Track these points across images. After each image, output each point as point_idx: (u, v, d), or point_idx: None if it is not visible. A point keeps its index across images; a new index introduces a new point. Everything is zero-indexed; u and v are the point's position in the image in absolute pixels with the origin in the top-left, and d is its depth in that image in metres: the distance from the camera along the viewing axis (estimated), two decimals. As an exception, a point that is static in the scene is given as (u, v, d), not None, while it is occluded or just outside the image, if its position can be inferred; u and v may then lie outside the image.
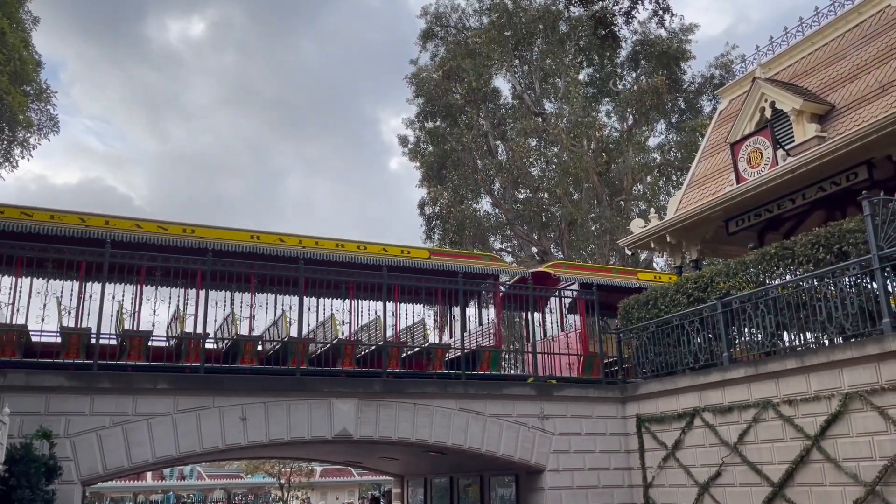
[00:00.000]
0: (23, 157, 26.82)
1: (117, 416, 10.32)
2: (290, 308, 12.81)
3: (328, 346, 13.31)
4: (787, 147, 13.18)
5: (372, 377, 12.43)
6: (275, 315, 13.47)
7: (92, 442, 10.09)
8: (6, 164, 26.31)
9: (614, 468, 13.35)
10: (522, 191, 35.17)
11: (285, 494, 46.79)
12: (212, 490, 52.09)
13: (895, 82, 12.08)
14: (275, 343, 13.28)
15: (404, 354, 13.79)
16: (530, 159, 33.66)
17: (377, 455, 16.79)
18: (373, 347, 13.62)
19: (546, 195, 34.47)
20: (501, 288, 15.28)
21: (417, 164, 35.77)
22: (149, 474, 43.05)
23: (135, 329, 11.97)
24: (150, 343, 11.66)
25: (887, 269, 9.21)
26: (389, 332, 13.49)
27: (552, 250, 33.41)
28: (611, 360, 14.95)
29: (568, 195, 32.41)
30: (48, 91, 27.04)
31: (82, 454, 9.99)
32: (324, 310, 14.30)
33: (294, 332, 12.53)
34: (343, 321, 14.10)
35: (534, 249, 33.69)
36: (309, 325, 13.89)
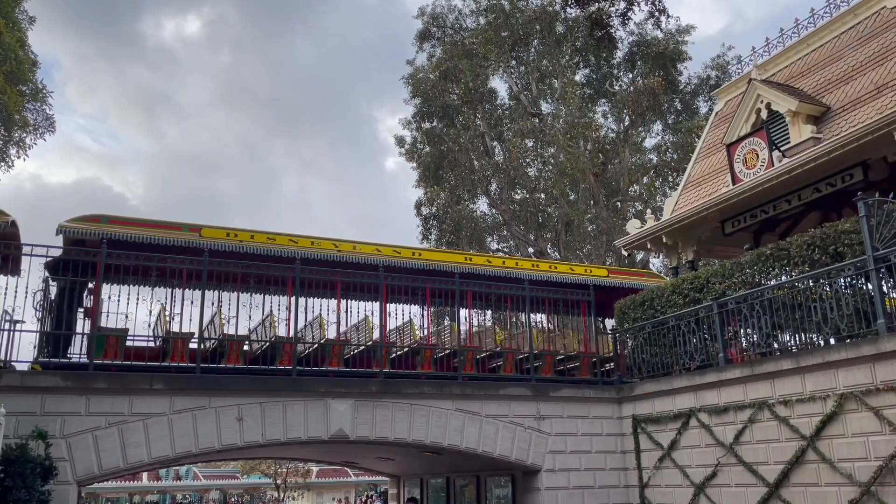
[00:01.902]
0: (18, 157, 26.77)
1: (113, 417, 10.31)
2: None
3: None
4: (782, 148, 13.22)
5: (368, 377, 12.43)
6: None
7: (88, 442, 10.07)
8: (2, 164, 26.24)
9: (610, 468, 13.37)
10: (519, 191, 35.20)
11: (281, 495, 46.74)
12: (208, 490, 51.98)
13: (891, 84, 12.12)
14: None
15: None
16: (527, 160, 33.69)
17: (373, 455, 16.78)
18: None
19: (543, 196, 34.50)
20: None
21: (414, 164, 35.78)
22: (144, 475, 42.94)
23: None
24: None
25: (882, 269, 9.24)
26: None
27: (549, 251, 33.44)
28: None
29: (564, 196, 32.44)
30: (44, 91, 26.99)
31: (78, 454, 9.97)
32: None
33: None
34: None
35: (530, 250, 33.72)
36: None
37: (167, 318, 12.26)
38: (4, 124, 25.04)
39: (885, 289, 9.32)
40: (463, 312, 14.69)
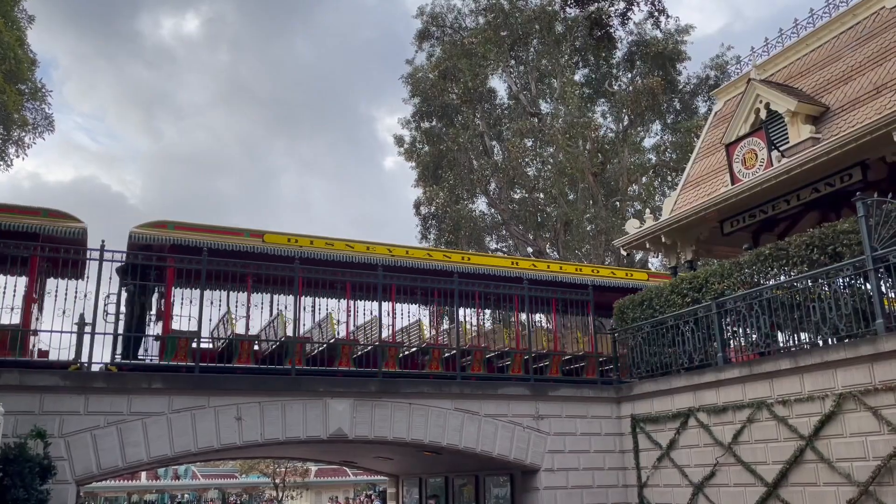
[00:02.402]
0: (17, 156, 26.77)
1: (112, 416, 10.31)
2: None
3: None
4: (781, 148, 13.23)
5: (367, 377, 12.43)
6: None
7: (86, 441, 10.07)
8: (1, 163, 26.23)
9: (609, 468, 13.38)
10: (518, 191, 35.20)
11: (280, 494, 46.72)
12: (206, 490, 51.95)
13: (889, 84, 12.13)
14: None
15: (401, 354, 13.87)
16: (526, 159, 33.69)
17: (372, 455, 16.79)
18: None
19: (542, 195, 34.50)
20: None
21: (413, 163, 35.78)
22: (143, 474, 42.91)
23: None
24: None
25: (881, 269, 9.25)
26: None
27: (547, 250, 33.45)
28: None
29: (563, 195, 32.44)
30: (43, 90, 26.98)
31: (77, 454, 9.97)
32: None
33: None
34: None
35: (529, 250, 33.73)
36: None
37: (234, 321, 12.68)
38: (3, 123, 25.04)
39: (883, 289, 9.33)
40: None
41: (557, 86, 33.05)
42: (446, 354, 13.91)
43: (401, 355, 13.62)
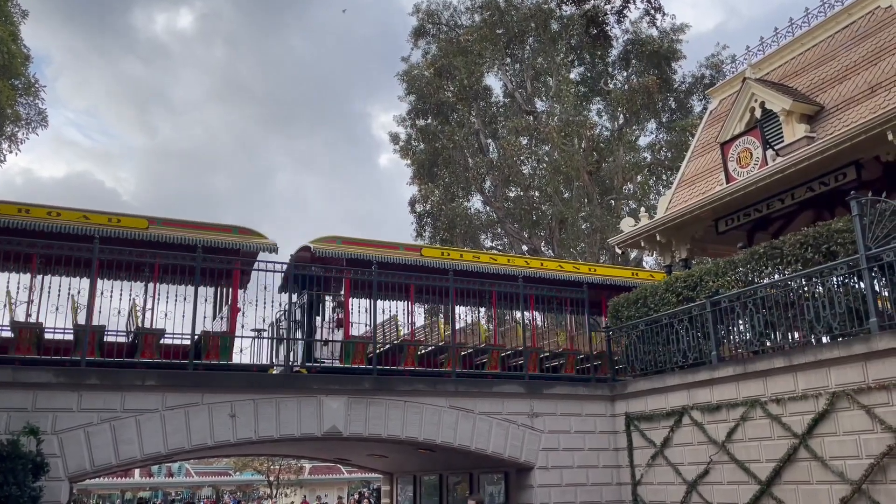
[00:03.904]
0: (10, 152, 26.65)
1: (105, 413, 10.27)
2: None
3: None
4: (776, 147, 13.25)
5: (361, 374, 12.43)
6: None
7: (79, 438, 10.03)
8: (-6, 158, 26.10)
9: (603, 466, 13.40)
10: (513, 189, 35.21)
11: (274, 492, 46.70)
12: (200, 487, 51.88)
13: (884, 83, 12.16)
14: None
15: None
16: (521, 157, 33.69)
17: (367, 452, 16.78)
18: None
19: (537, 193, 34.52)
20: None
21: (408, 161, 35.75)
22: (137, 471, 42.83)
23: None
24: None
25: (875, 268, 9.27)
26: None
27: (542, 248, 33.47)
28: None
29: (558, 194, 32.46)
30: (37, 85, 26.85)
31: (70, 451, 9.93)
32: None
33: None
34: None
35: (524, 248, 33.74)
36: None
37: (400, 328, 13.94)
38: (-4, 119, 24.90)
39: (877, 288, 9.36)
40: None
41: (553, 84, 33.06)
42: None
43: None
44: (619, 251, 21.93)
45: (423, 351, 13.92)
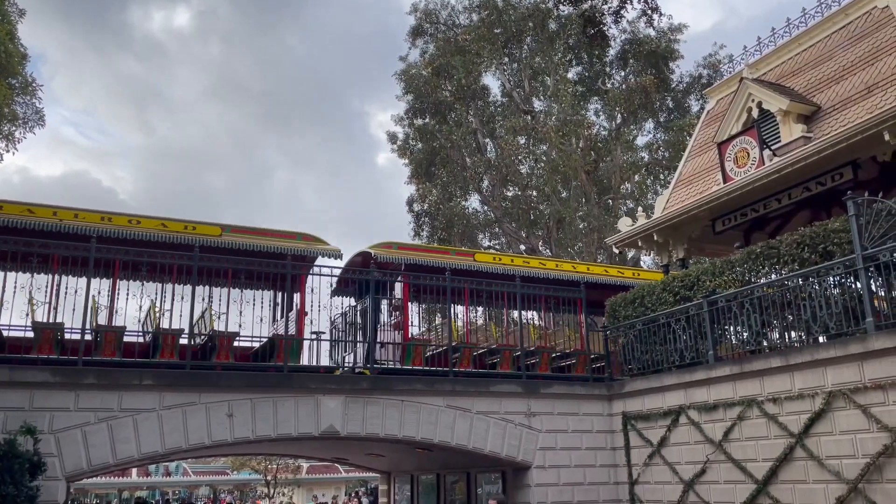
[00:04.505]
0: (7, 151, 26.60)
1: (102, 412, 10.27)
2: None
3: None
4: (773, 147, 13.27)
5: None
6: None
7: (76, 438, 10.03)
8: (-9, 157, 26.05)
9: (600, 465, 13.41)
10: (511, 188, 35.23)
11: (271, 491, 46.67)
12: (197, 487, 51.83)
13: (881, 83, 12.19)
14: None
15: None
16: (519, 157, 33.70)
17: (364, 452, 16.78)
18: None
19: (534, 193, 34.54)
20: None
21: (406, 160, 35.74)
22: (134, 470, 42.78)
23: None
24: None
25: (871, 268, 9.29)
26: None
27: (540, 248, 33.50)
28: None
29: (556, 193, 32.48)
30: (34, 84, 26.79)
31: (67, 450, 9.93)
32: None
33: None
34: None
35: (522, 247, 33.77)
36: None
37: (457, 330, 14.33)
38: (-7, 118, 24.86)
39: (873, 287, 9.38)
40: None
41: (551, 83, 33.07)
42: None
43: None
44: (616, 251, 21.95)
45: (477, 352, 14.35)
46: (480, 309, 16.75)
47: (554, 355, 14.93)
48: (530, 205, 34.38)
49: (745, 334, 11.22)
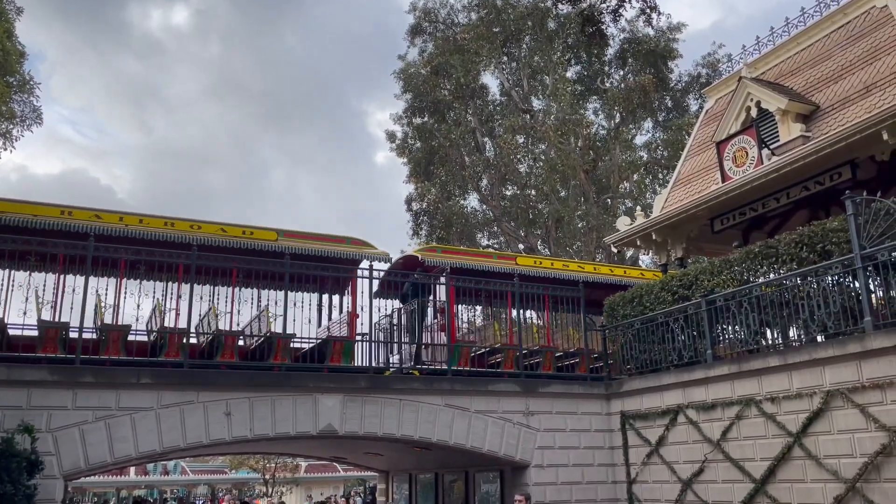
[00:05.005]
0: (5, 149, 26.54)
1: (100, 411, 10.25)
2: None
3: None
4: (772, 146, 13.27)
5: (357, 373, 12.43)
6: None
7: (74, 437, 10.01)
8: (-11, 155, 26.00)
9: (598, 464, 13.41)
10: (510, 187, 35.22)
11: (269, 490, 46.66)
12: (196, 486, 51.77)
13: (879, 83, 12.19)
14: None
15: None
16: (518, 156, 33.69)
17: (362, 451, 16.78)
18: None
19: (533, 192, 34.54)
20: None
21: (405, 159, 35.72)
22: (132, 469, 42.71)
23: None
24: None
25: (869, 268, 9.29)
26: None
27: (539, 247, 33.49)
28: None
29: (555, 192, 32.48)
30: (32, 82, 26.74)
31: (64, 449, 9.92)
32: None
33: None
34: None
35: (521, 246, 33.76)
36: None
37: (501, 332, 14.83)
38: (-9, 116, 24.81)
39: (871, 287, 9.38)
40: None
41: (549, 82, 33.05)
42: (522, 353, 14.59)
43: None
44: (615, 250, 21.96)
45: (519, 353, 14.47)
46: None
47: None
48: (529, 204, 34.37)
49: (744, 334, 11.22)
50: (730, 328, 11.65)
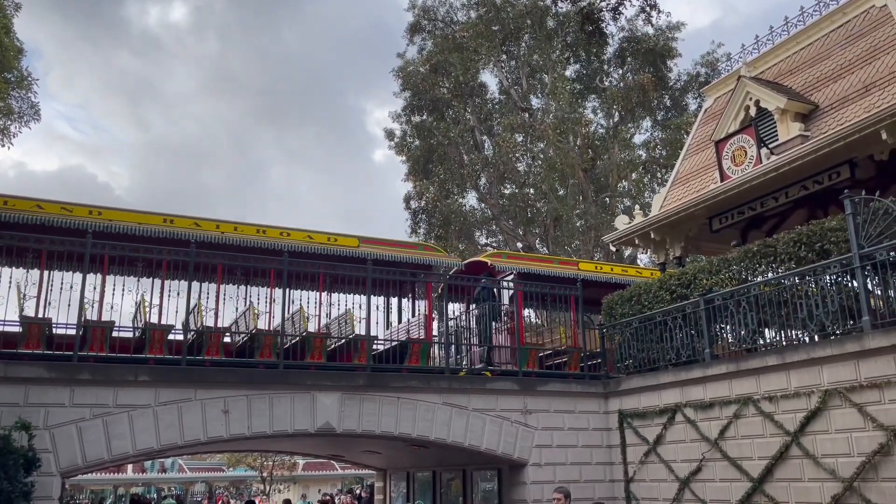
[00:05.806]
0: (3, 145, 26.49)
1: (97, 408, 10.23)
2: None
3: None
4: (770, 146, 13.27)
5: (355, 371, 12.41)
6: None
7: (72, 434, 9.99)
8: (-14, 152, 25.98)
9: (596, 463, 13.41)
10: (508, 186, 35.23)
11: (267, 488, 46.67)
12: (193, 483, 51.78)
13: (878, 82, 12.19)
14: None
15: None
16: (516, 155, 33.71)
17: (360, 449, 16.77)
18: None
19: (532, 191, 34.55)
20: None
21: (404, 157, 35.71)
22: (129, 467, 42.72)
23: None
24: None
25: (868, 267, 9.29)
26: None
27: (537, 246, 33.50)
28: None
29: (553, 191, 32.48)
30: (29, 78, 26.68)
31: (62, 446, 9.89)
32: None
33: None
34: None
35: (519, 245, 33.76)
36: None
37: (565, 336, 15.12)
38: (-11, 112, 24.75)
39: (870, 286, 9.38)
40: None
41: (548, 81, 33.05)
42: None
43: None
44: (613, 249, 21.95)
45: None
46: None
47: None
48: (527, 202, 34.38)
49: (742, 332, 11.22)
50: (728, 327, 11.65)
